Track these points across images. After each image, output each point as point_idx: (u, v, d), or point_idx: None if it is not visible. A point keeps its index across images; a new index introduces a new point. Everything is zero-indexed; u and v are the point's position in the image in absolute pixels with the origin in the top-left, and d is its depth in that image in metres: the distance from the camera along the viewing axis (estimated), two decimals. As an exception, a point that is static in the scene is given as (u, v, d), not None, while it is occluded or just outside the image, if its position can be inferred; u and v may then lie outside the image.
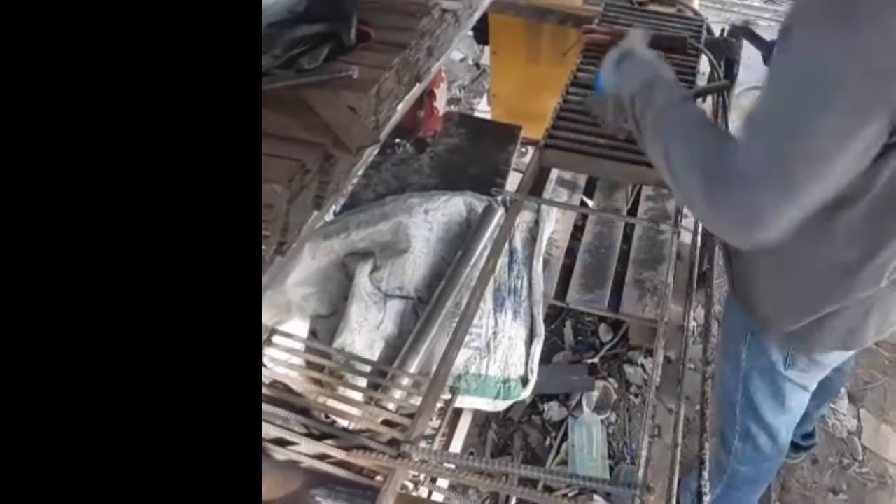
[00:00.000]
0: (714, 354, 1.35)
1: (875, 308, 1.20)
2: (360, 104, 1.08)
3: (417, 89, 1.33)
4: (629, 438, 2.14)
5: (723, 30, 1.91)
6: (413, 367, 1.44)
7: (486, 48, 2.77)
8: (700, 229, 1.59)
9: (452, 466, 1.05)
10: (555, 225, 2.09)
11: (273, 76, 1.10)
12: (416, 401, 1.20)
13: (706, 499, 1.25)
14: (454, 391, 1.40)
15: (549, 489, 1.77)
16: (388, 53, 1.20)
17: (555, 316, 2.44)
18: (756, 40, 1.56)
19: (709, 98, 1.90)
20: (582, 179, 2.38)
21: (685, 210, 1.47)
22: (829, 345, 1.29)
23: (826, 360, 1.37)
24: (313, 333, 1.52)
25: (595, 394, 2.21)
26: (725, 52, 1.92)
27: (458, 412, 1.59)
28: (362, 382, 1.36)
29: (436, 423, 1.29)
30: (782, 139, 0.85)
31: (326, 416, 1.29)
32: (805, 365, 1.36)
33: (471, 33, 2.35)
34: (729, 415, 1.56)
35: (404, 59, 1.22)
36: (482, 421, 2.13)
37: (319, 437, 1.19)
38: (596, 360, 2.35)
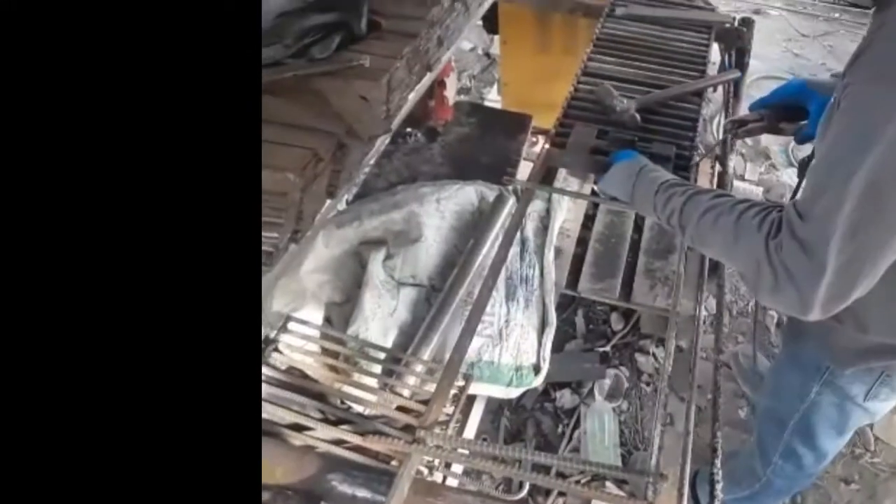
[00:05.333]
0: (726, 344, 1.34)
1: None
2: (371, 93, 1.09)
3: (428, 78, 1.34)
4: (641, 426, 2.14)
5: (734, 19, 1.90)
6: (426, 355, 1.45)
7: (496, 37, 2.77)
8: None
9: (466, 452, 1.06)
10: (566, 214, 2.09)
11: (285, 65, 1.11)
12: (430, 387, 1.21)
13: (718, 486, 1.25)
14: (467, 378, 1.41)
15: (561, 475, 1.78)
16: (398, 43, 1.20)
17: (566, 305, 2.44)
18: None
19: (720, 88, 1.89)
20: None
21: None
22: None
23: None
24: (328, 320, 1.53)
25: (607, 382, 2.22)
26: (736, 42, 1.92)
27: (471, 399, 1.60)
28: (377, 369, 1.37)
29: (449, 409, 1.30)
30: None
31: (342, 402, 1.30)
32: (887, 395, 1.32)
33: (480, 23, 2.35)
34: (775, 433, 1.53)
35: (415, 49, 1.23)
36: (495, 408, 2.14)
37: (335, 423, 1.20)
38: (608, 348, 2.35)
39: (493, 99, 3.34)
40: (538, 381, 1.60)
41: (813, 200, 0.90)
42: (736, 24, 1.89)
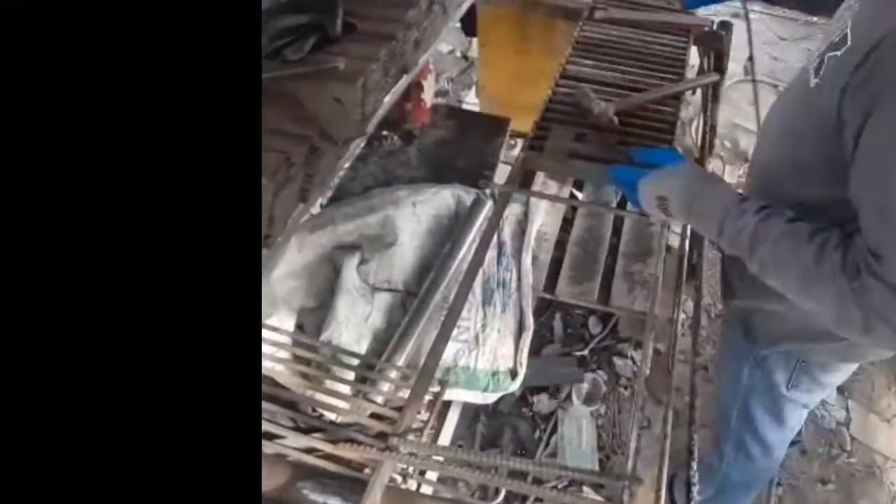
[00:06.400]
0: (703, 346, 1.36)
1: None
2: (346, 96, 1.08)
3: (404, 81, 1.32)
4: (618, 430, 2.14)
5: (712, 23, 1.91)
6: (401, 360, 1.44)
7: (475, 40, 2.76)
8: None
9: (441, 459, 1.05)
10: (544, 217, 2.08)
11: (257, 67, 1.09)
12: (405, 394, 1.19)
13: (695, 489, 1.25)
14: (443, 384, 1.39)
15: (538, 481, 1.77)
16: (374, 45, 1.19)
17: (544, 308, 2.44)
18: None
19: (698, 91, 1.89)
20: (571, 171, 2.37)
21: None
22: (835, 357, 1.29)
23: (830, 379, 1.36)
24: (300, 327, 1.51)
25: (585, 386, 2.21)
26: (715, 46, 1.92)
27: (446, 405, 1.59)
28: (350, 376, 1.36)
29: (424, 415, 1.28)
30: None
31: (313, 410, 1.28)
32: (808, 385, 1.36)
33: (458, 25, 2.34)
34: (725, 423, 1.56)
35: (391, 51, 1.21)
36: (471, 414, 2.13)
37: (306, 431, 1.18)
38: (585, 352, 2.35)
39: (470, 102, 3.34)
40: (515, 386, 1.59)
41: (884, 241, 0.89)
42: (714, 27, 1.90)
